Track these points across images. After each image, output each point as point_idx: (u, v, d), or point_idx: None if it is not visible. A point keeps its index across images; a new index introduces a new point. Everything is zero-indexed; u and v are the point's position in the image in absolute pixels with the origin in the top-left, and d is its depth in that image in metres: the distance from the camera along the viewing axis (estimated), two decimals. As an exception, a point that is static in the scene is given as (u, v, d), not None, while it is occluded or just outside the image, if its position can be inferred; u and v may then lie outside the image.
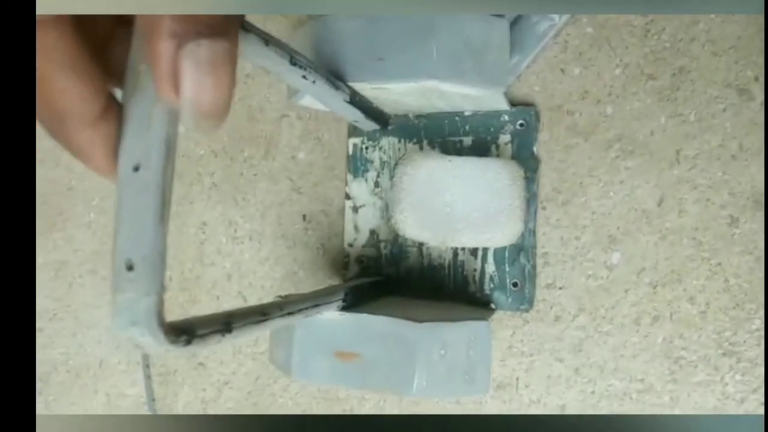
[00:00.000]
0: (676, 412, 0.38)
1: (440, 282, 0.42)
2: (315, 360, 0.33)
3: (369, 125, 0.42)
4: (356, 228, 0.45)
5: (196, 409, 0.50)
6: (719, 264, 0.37)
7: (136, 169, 0.17)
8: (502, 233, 0.38)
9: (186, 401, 0.51)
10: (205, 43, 0.16)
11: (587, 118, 0.40)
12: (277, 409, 0.47)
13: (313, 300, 0.31)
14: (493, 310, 0.41)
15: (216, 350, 0.50)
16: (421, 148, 0.43)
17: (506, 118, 0.41)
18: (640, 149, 0.39)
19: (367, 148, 0.45)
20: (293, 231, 0.48)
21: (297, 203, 0.48)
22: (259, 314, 0.25)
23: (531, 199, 0.40)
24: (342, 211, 0.46)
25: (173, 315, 0.20)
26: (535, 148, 0.41)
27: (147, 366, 0.52)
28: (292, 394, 0.47)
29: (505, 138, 0.41)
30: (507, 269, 0.41)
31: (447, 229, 0.38)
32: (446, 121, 0.42)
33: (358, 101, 0.37)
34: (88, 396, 0.55)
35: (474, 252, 0.41)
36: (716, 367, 0.37)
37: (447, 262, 0.42)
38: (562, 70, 0.41)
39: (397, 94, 0.37)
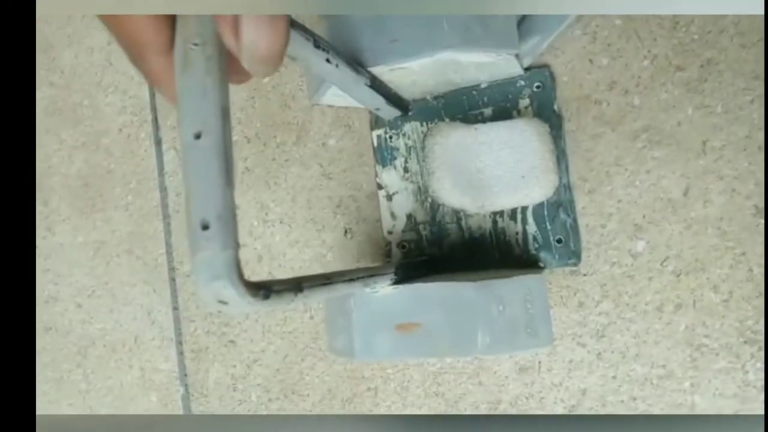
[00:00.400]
0: (696, 398, 0.38)
1: (485, 252, 0.43)
2: (377, 337, 0.34)
3: (390, 112, 0.44)
4: (393, 215, 0.46)
5: (225, 385, 0.52)
6: (743, 254, 0.37)
7: (198, 136, 0.19)
8: (538, 187, 0.39)
9: (216, 377, 0.53)
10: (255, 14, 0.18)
11: (615, 108, 0.41)
12: (304, 386, 0.49)
13: (368, 271, 0.32)
14: (542, 269, 0.41)
15: (247, 329, 0.52)
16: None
17: (522, 83, 0.42)
18: (666, 139, 0.39)
19: (390, 137, 0.46)
20: (322, 215, 0.49)
21: (326, 188, 0.49)
22: (323, 278, 0.26)
23: (560, 155, 0.41)
24: (371, 196, 0.47)
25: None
26: (555, 106, 0.42)
27: (180, 343, 0.55)
28: (318, 373, 0.49)
29: (524, 102, 0.42)
30: (549, 227, 0.41)
31: (485, 194, 0.39)
32: (464, 97, 0.43)
33: (378, 86, 0.38)
34: (123, 370, 0.57)
35: (513, 215, 0.42)
36: (737, 354, 0.37)
37: (488, 231, 0.43)
38: (591, 61, 0.41)
39: (415, 73, 0.38)
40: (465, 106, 0.43)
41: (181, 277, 0.55)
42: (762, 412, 0.37)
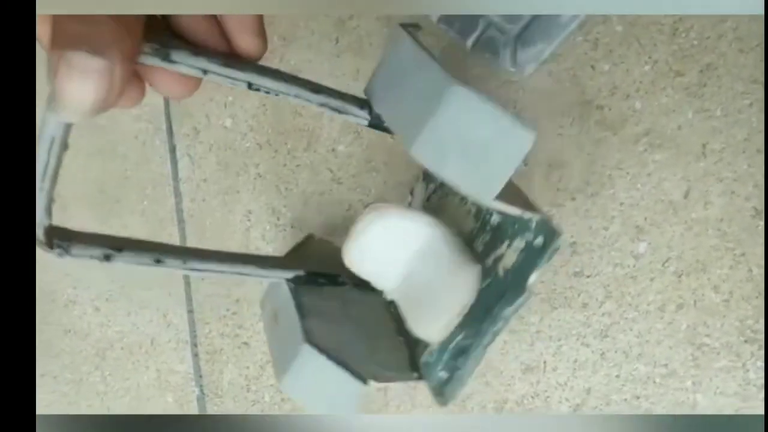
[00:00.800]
0: (698, 396, 0.39)
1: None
2: None
3: None
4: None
5: (239, 386, 0.54)
6: (743, 254, 0.38)
7: None
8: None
9: (230, 378, 0.54)
10: (81, 54, 0.21)
11: (616, 113, 0.42)
12: (316, 386, 0.50)
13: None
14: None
15: (260, 331, 0.53)
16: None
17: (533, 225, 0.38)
18: (667, 143, 0.40)
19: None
20: (333, 219, 0.51)
21: (336, 192, 0.51)
22: (151, 256, 0.30)
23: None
24: (379, 200, 0.48)
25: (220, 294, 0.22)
26: (534, 275, 0.37)
27: (195, 345, 0.56)
28: (330, 373, 0.50)
29: (517, 243, 0.39)
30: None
31: None
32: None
33: None
34: (140, 371, 0.59)
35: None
36: (738, 353, 0.38)
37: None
38: (593, 67, 0.42)
39: None
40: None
41: (196, 280, 0.57)
42: (762, 411, 0.37)
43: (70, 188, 0.64)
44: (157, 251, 0.32)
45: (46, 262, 0.64)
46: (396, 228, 0.39)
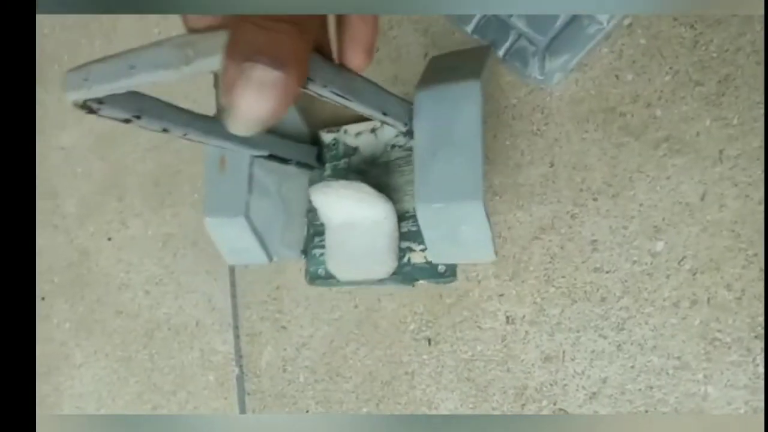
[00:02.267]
0: (709, 388, 0.41)
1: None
2: None
3: None
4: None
5: (276, 367, 0.58)
6: (755, 254, 0.40)
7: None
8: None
9: (268, 359, 0.58)
10: (260, 67, 0.20)
11: (638, 120, 0.44)
12: (347, 369, 0.54)
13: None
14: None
15: (298, 315, 0.57)
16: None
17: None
18: (686, 148, 0.43)
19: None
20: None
21: (373, 189, 0.54)
22: (160, 125, 0.36)
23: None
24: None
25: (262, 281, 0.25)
26: (422, 281, 0.50)
27: (236, 327, 0.60)
28: (360, 357, 0.53)
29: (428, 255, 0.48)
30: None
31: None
32: None
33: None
34: (185, 351, 0.64)
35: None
36: (749, 348, 0.40)
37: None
38: (617, 76, 0.45)
39: None
40: None
41: (240, 267, 0.61)
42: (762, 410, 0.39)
43: (127, 180, 0.70)
44: (165, 120, 0.36)
45: (102, 248, 0.70)
46: (358, 202, 0.48)
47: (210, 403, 0.61)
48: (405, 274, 0.50)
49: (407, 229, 0.49)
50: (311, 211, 0.54)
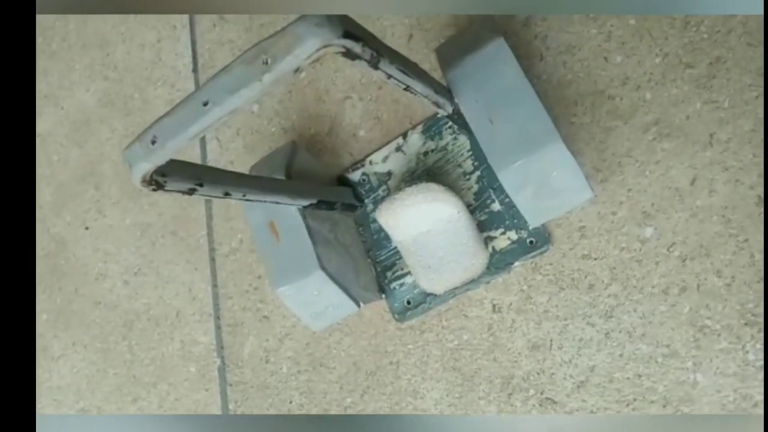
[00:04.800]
0: (698, 376, 0.41)
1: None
2: None
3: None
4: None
5: (259, 357, 0.56)
6: (746, 240, 0.40)
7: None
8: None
9: (251, 350, 0.57)
10: None
11: (627, 103, 0.43)
12: (331, 359, 0.53)
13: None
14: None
15: (280, 305, 0.56)
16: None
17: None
18: (676, 132, 0.42)
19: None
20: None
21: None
22: (222, 190, 0.35)
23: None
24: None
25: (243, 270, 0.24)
26: (518, 263, 0.46)
27: (218, 317, 0.59)
28: (345, 347, 0.52)
29: (511, 235, 0.47)
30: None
31: None
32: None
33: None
34: (165, 342, 0.62)
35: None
36: (738, 336, 0.40)
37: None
38: (606, 58, 0.44)
39: None
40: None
41: (221, 257, 0.60)
42: (761, 411, 0.39)
43: (104, 167, 0.68)
44: (225, 184, 0.36)
45: (79, 238, 0.68)
46: (429, 204, 0.45)
47: (191, 395, 0.60)
48: (497, 262, 0.47)
49: (478, 220, 0.47)
50: (370, 250, 0.51)
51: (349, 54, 0.27)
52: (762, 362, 0.39)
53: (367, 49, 0.28)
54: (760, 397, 0.39)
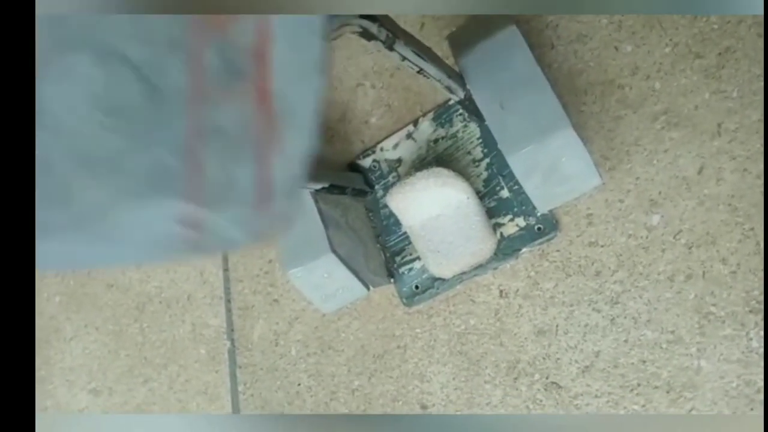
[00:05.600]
0: (702, 362, 0.41)
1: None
2: None
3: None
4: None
5: (268, 340, 0.57)
6: (752, 228, 0.40)
7: None
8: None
9: (260, 333, 0.58)
10: None
11: (636, 92, 0.44)
12: (340, 343, 0.54)
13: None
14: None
15: (290, 289, 0.56)
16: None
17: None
18: (684, 122, 0.42)
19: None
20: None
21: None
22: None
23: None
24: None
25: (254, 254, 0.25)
26: (525, 249, 0.47)
27: (228, 301, 0.60)
28: (353, 330, 0.53)
29: (519, 221, 0.47)
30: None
31: None
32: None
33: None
34: (176, 324, 0.63)
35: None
36: (743, 323, 0.40)
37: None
38: (616, 48, 0.45)
39: None
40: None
41: (232, 241, 0.60)
42: (763, 398, 0.39)
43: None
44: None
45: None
46: (439, 188, 0.46)
47: (202, 377, 0.61)
48: (505, 248, 0.47)
49: (487, 207, 0.48)
50: (379, 236, 0.52)
51: (365, 34, 0.28)
52: (764, 352, 0.39)
53: (383, 30, 0.29)
54: (763, 383, 0.39)
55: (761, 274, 0.40)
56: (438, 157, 0.50)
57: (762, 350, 0.40)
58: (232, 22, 0.21)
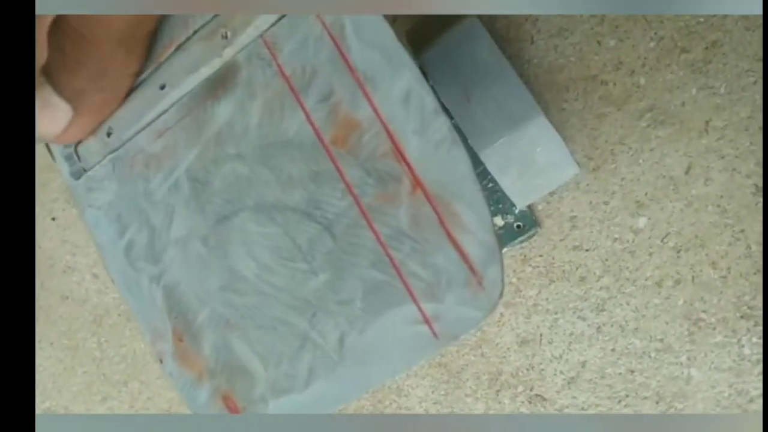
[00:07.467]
0: (693, 371, 0.39)
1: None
2: None
3: None
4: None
5: (236, 354, 0.54)
6: (742, 231, 0.38)
7: None
8: None
9: (227, 346, 0.54)
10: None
11: (621, 88, 0.42)
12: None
13: None
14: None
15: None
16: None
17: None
18: (670, 119, 0.40)
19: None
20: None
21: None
22: None
23: None
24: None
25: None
26: (506, 249, 0.44)
27: (192, 313, 0.56)
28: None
29: (497, 220, 0.45)
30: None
31: None
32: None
33: None
34: (137, 339, 0.59)
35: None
36: (734, 329, 0.38)
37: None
38: (599, 42, 0.42)
39: None
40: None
41: (195, 249, 0.57)
42: (756, 406, 0.38)
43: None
44: None
45: (46, 229, 0.64)
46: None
47: (164, 394, 0.57)
48: None
49: None
50: None
51: None
52: (758, 356, 0.38)
53: None
54: (756, 392, 0.38)
55: (753, 278, 0.38)
56: None
57: (755, 357, 0.38)
58: (352, 136, 0.23)
